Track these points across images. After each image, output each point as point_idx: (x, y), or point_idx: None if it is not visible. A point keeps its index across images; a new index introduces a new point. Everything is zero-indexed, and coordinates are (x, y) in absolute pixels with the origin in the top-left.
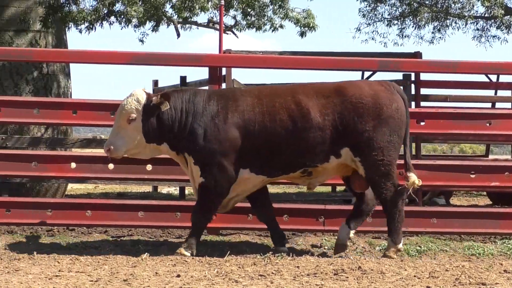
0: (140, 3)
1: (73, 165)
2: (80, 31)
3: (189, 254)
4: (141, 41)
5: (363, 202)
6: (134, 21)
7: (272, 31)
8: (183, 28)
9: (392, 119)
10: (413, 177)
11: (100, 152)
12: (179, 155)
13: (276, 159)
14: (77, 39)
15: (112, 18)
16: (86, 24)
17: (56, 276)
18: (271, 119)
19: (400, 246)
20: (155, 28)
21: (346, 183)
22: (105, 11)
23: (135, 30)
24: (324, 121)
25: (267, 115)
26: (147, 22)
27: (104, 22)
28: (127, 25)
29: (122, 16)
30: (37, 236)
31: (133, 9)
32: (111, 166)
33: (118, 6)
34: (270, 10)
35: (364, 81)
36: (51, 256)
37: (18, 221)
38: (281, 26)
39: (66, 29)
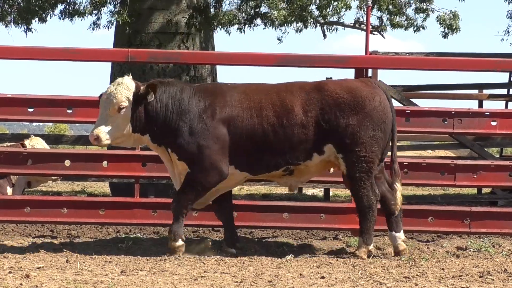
0: (285, 5)
1: None
2: (229, 33)
3: (181, 243)
4: (279, 39)
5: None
6: (277, 22)
7: (415, 31)
8: (328, 30)
9: (375, 112)
10: (398, 191)
11: None
12: (160, 147)
13: (261, 156)
14: (223, 41)
15: (258, 21)
16: (236, 26)
17: (201, 276)
18: (257, 115)
19: (371, 247)
20: (299, 29)
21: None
22: (251, 13)
23: (275, 30)
24: (307, 118)
25: (254, 111)
26: (293, 23)
27: (241, 24)
28: (272, 27)
29: (267, 19)
30: (184, 237)
31: (279, 13)
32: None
33: (263, 9)
34: (412, 9)
35: (344, 78)
36: (197, 257)
37: (164, 222)
38: (423, 27)
39: (213, 32)
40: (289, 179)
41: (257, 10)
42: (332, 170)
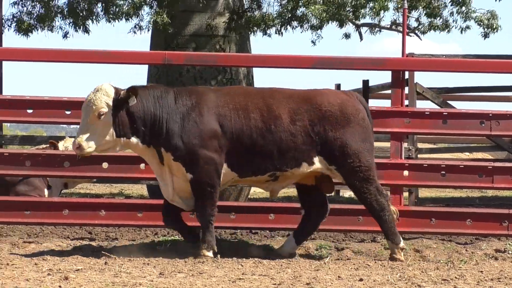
0: (321, 4)
1: None
2: (269, 35)
3: (211, 254)
4: (313, 42)
5: (310, 217)
6: (314, 21)
7: (447, 32)
8: (366, 32)
9: (360, 128)
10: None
11: None
12: (149, 147)
13: (250, 158)
14: (260, 44)
15: (295, 23)
16: (274, 29)
17: (240, 279)
18: (244, 117)
19: (402, 244)
20: (335, 30)
21: (298, 192)
22: (289, 16)
23: (311, 32)
24: (295, 126)
25: (241, 112)
26: (328, 22)
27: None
28: (308, 29)
29: (304, 19)
30: (221, 239)
31: (315, 8)
32: None
33: (301, 11)
34: (449, 11)
35: (330, 90)
36: (235, 259)
37: None
38: (464, 29)
39: (250, 34)
40: (271, 184)
41: (294, 12)
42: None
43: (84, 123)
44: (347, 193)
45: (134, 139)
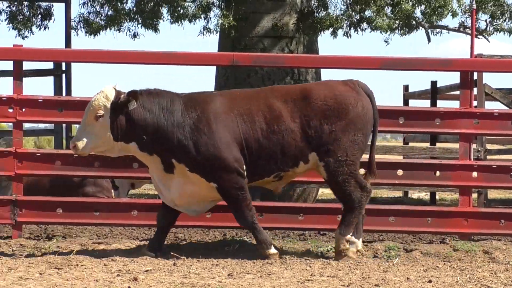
0: (389, 12)
1: None
2: (336, 36)
3: (274, 250)
4: (386, 41)
5: None
6: (384, 28)
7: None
8: (433, 33)
9: (358, 118)
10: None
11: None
12: (151, 155)
13: (258, 162)
14: (327, 45)
15: (364, 25)
16: (341, 30)
17: (308, 280)
18: (250, 121)
19: (348, 236)
20: (404, 33)
21: None
22: (357, 18)
23: (381, 33)
24: (294, 123)
25: (246, 117)
26: (397, 29)
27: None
28: (377, 31)
29: (372, 24)
30: (289, 240)
31: (383, 22)
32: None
33: (368, 13)
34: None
35: (328, 82)
36: (303, 260)
37: (271, 225)
38: None
39: (318, 35)
40: (276, 183)
41: (362, 14)
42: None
43: (83, 123)
44: (416, 194)
45: (132, 145)
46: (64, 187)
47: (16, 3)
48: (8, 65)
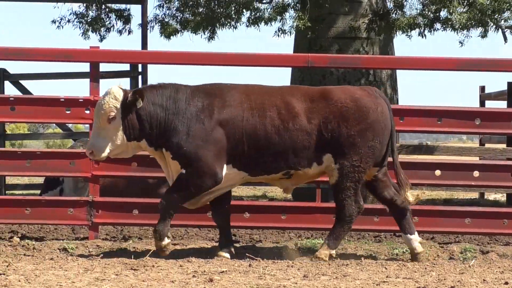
0: (465, 10)
1: None
2: (410, 37)
3: (167, 241)
4: (461, 43)
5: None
6: (458, 26)
7: None
8: (510, 33)
9: (377, 123)
10: (408, 192)
11: (428, 158)
12: (157, 150)
13: (262, 158)
14: (402, 46)
15: (437, 25)
16: (416, 31)
17: (384, 282)
18: (260, 116)
19: (333, 252)
20: (481, 33)
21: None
22: (431, 18)
23: (457, 33)
24: (310, 124)
25: (256, 111)
26: (473, 27)
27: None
28: (453, 31)
29: (447, 23)
30: (365, 242)
31: (459, 15)
32: (437, 172)
33: (444, 13)
34: None
35: (346, 87)
36: (379, 262)
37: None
38: None
39: (393, 36)
40: (286, 182)
41: (437, 14)
42: None
43: (96, 127)
44: (492, 195)
45: (144, 142)
46: (140, 188)
47: (93, 6)
48: (85, 67)
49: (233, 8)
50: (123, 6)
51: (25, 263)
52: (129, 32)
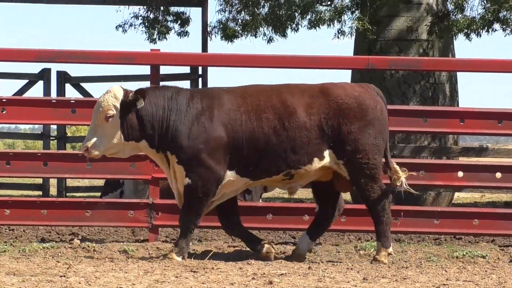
0: None
1: (460, 174)
2: (470, 39)
3: (180, 259)
4: None
5: (326, 215)
6: None
7: None
8: None
9: (377, 121)
10: (396, 168)
11: (489, 160)
12: (158, 152)
13: (262, 160)
14: (463, 48)
15: (496, 26)
16: (474, 33)
17: (444, 284)
18: (257, 118)
19: (390, 250)
20: None
21: (313, 188)
22: (491, 18)
23: None
24: (310, 121)
25: (252, 114)
26: None
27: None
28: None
29: (506, 23)
30: (425, 244)
31: None
32: (498, 175)
33: (503, 14)
34: None
35: (345, 83)
36: (438, 265)
37: (405, 229)
38: None
39: (454, 38)
40: (288, 182)
41: (496, 14)
42: None
43: (93, 125)
44: None
45: (143, 143)
46: None
47: (153, 9)
48: (145, 70)
49: (295, 8)
50: (182, 9)
51: (85, 265)
52: (187, 34)
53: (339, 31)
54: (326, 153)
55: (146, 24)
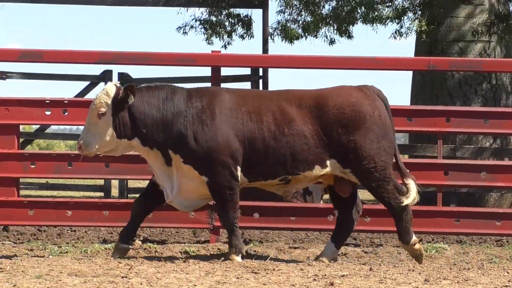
0: None
1: None
2: None
3: (240, 259)
4: None
5: (346, 218)
6: None
7: None
8: None
9: (376, 126)
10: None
11: None
12: (152, 150)
13: (260, 162)
14: None
15: None
16: None
17: (506, 286)
18: (257, 120)
19: (415, 238)
20: None
21: (329, 192)
22: None
23: None
24: (307, 128)
25: (254, 115)
26: None
27: None
28: None
29: None
30: (486, 246)
31: None
32: None
33: None
34: None
35: (342, 88)
36: (500, 266)
37: (467, 230)
38: None
39: None
40: (283, 187)
41: None
42: None
43: (87, 123)
44: None
45: (135, 141)
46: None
47: (214, 11)
48: (206, 71)
49: (357, 6)
50: (243, 11)
51: (146, 266)
52: (250, 36)
53: (397, 32)
54: (329, 162)
55: (207, 26)
